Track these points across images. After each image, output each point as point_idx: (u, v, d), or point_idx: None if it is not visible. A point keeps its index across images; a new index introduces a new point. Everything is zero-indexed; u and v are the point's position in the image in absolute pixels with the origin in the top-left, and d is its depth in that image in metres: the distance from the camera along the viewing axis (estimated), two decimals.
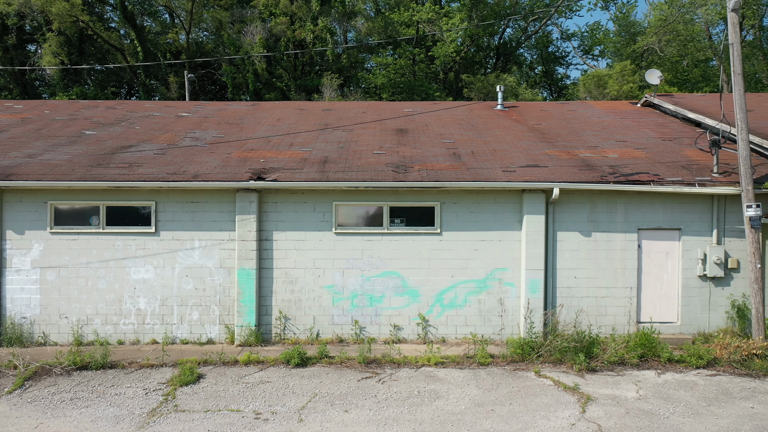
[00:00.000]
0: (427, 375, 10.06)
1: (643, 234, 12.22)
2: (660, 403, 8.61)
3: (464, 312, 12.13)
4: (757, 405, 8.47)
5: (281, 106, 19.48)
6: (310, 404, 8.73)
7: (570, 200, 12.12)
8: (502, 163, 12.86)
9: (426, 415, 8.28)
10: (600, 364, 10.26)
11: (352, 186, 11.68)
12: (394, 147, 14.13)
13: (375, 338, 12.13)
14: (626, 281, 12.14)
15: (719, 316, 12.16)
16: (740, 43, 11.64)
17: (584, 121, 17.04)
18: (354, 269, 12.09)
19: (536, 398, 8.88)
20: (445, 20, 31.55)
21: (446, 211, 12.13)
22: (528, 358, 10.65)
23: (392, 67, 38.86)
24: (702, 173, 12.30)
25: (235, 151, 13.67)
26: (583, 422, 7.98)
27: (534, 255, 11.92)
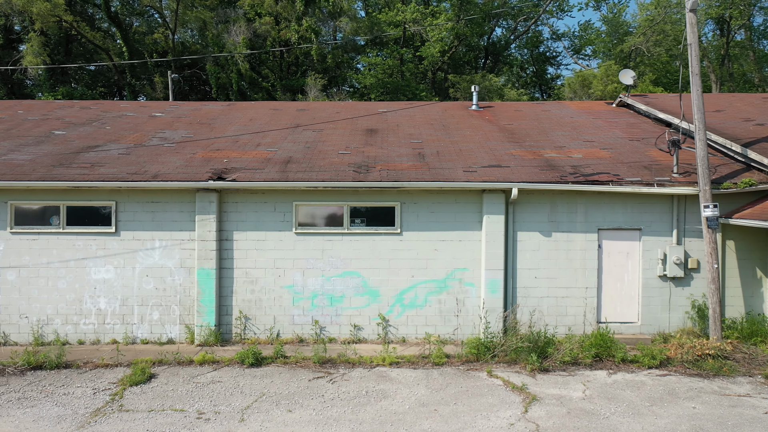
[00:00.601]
0: (379, 375, 10.07)
1: (603, 234, 12.23)
2: (603, 403, 8.63)
3: (425, 312, 12.14)
4: (699, 405, 8.48)
5: (256, 106, 19.49)
6: (255, 404, 8.75)
7: (530, 200, 12.13)
8: (465, 163, 12.87)
9: (368, 415, 8.30)
10: (553, 364, 10.27)
11: (311, 186, 11.70)
12: (361, 147, 14.14)
13: (335, 338, 12.14)
14: (586, 281, 12.15)
15: (680, 317, 12.17)
16: (698, 44, 11.65)
17: (556, 122, 17.05)
18: (314, 269, 12.10)
19: (482, 398, 8.89)
20: (430, 20, 31.52)
21: (406, 211, 12.14)
22: (483, 358, 10.66)
23: (380, 68, 38.89)
24: (663, 173, 12.32)
25: (201, 151, 13.68)
26: (523, 422, 7.99)
27: (494, 255, 11.93)
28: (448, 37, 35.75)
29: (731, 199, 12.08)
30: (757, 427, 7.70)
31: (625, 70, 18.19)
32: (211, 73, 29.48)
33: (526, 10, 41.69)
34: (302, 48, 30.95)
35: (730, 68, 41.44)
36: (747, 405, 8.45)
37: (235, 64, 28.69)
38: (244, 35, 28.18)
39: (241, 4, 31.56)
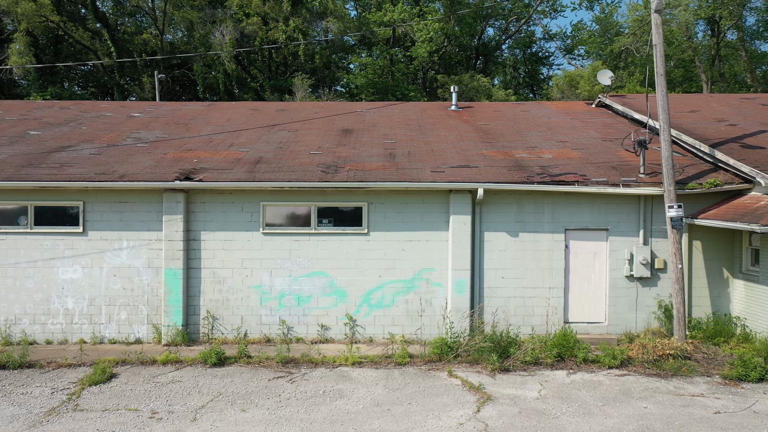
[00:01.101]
0: (340, 375, 10.10)
1: (570, 234, 12.26)
2: (556, 403, 8.65)
3: (392, 312, 12.17)
4: (651, 405, 8.51)
5: (236, 107, 19.52)
6: (211, 404, 8.77)
7: (497, 201, 12.16)
8: (435, 163, 12.89)
9: (320, 415, 8.32)
10: (514, 364, 10.29)
11: (277, 186, 11.73)
12: (333, 147, 14.17)
13: (303, 338, 12.17)
14: (553, 281, 12.18)
15: (647, 317, 12.20)
16: (663, 44, 11.67)
17: (533, 122, 17.07)
18: (282, 269, 12.13)
19: (437, 398, 8.92)
20: (417, 20, 31.55)
21: (374, 212, 12.16)
22: (445, 358, 10.68)
23: (371, 68, 38.93)
24: (630, 174, 12.34)
25: (172, 151, 13.71)
26: (473, 422, 8.02)
27: (460, 255, 11.96)
28: (438, 37, 35.80)
29: (698, 199, 12.11)
30: (703, 427, 7.72)
31: (604, 71, 18.18)
32: (198, 73, 29.52)
33: (516, 11, 41.76)
34: (290, 48, 30.98)
35: (721, 69, 41.43)
36: (698, 405, 8.48)
37: (222, 64, 28.71)
38: (230, 35, 28.21)
39: (229, 4, 31.60)
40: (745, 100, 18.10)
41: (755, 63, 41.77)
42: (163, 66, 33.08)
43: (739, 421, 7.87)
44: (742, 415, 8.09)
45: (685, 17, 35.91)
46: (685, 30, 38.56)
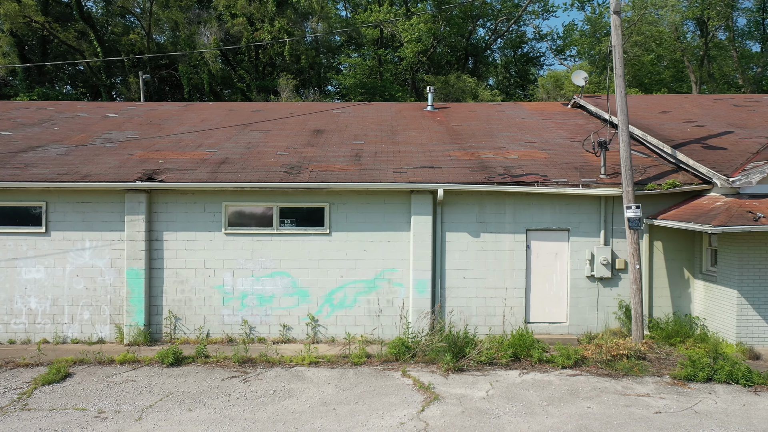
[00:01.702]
0: (294, 374, 10.14)
1: (532, 235, 12.30)
2: (501, 402, 8.69)
3: (354, 312, 12.21)
4: (595, 405, 8.55)
5: (213, 107, 19.57)
6: (159, 403, 8.82)
7: (459, 201, 12.20)
8: (399, 164, 12.93)
9: (265, 415, 8.37)
10: (468, 364, 10.33)
11: (238, 187, 11.78)
12: (301, 148, 14.21)
13: (265, 338, 12.22)
14: (515, 282, 12.22)
15: (608, 317, 12.24)
16: (621, 45, 11.71)
17: (506, 122, 17.11)
18: (244, 269, 12.18)
19: (385, 398, 8.96)
20: (402, 21, 31.60)
21: (336, 212, 12.21)
22: (402, 357, 10.72)
23: (360, 68, 38.99)
24: (592, 174, 12.38)
25: (140, 151, 13.76)
26: (415, 421, 8.06)
27: (421, 256, 12.01)
28: (427, 38, 35.86)
29: (659, 200, 12.15)
30: (640, 426, 7.76)
31: (578, 71, 18.15)
32: (183, 73, 29.57)
33: (505, 11, 41.80)
34: (275, 49, 31.03)
35: (710, 69, 41.47)
36: (642, 405, 8.52)
37: (206, 64, 28.76)
38: (215, 36, 28.25)
39: (215, 4, 31.64)
40: (718, 100, 18.14)
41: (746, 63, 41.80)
42: (151, 66, 33.13)
43: (677, 421, 7.91)
44: (682, 414, 8.13)
45: (672, 17, 35.96)
46: (674, 30, 38.61)
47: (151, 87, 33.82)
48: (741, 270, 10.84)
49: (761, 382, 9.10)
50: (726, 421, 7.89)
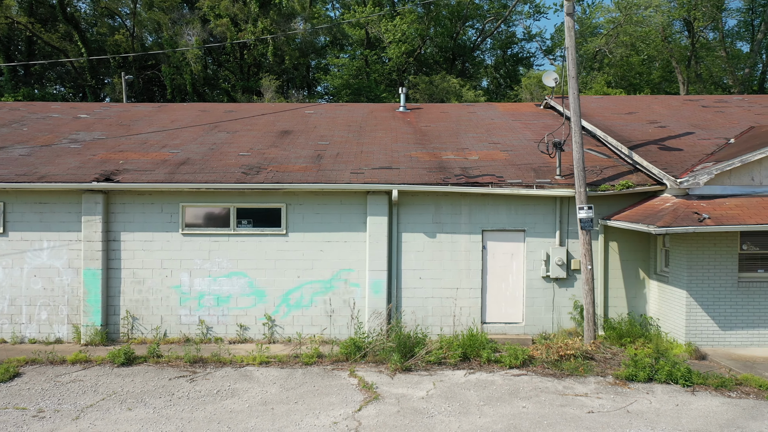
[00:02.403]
0: (243, 374, 10.20)
1: (488, 235, 12.35)
2: (439, 402, 8.74)
3: (310, 312, 12.27)
4: (531, 405, 8.60)
5: (186, 108, 19.63)
6: (100, 402, 8.87)
7: (415, 202, 12.26)
8: (359, 165, 12.99)
9: (203, 414, 8.42)
10: (417, 364, 10.37)
11: (194, 188, 11.84)
12: (265, 149, 14.27)
13: (222, 338, 12.28)
14: (471, 282, 12.27)
15: (564, 317, 12.29)
16: (574, 47, 11.76)
17: (475, 123, 17.17)
18: (201, 270, 12.24)
19: (326, 397, 9.02)
20: (385, 21, 31.65)
21: (292, 213, 12.27)
22: (353, 358, 10.76)
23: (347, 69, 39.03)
24: (548, 175, 12.43)
25: (104, 152, 13.82)
26: (348, 421, 8.12)
27: (377, 256, 12.06)
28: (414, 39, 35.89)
29: (614, 200, 12.20)
30: (569, 426, 7.81)
31: (548, 72, 18.18)
32: (166, 74, 29.63)
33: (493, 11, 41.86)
34: (259, 49, 31.09)
35: (698, 69, 41.52)
36: (577, 404, 8.57)
37: (189, 65, 28.83)
38: (197, 36, 28.31)
39: (200, 5, 31.71)
40: (688, 101, 18.18)
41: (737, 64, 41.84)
42: (136, 67, 33.20)
43: (607, 421, 7.96)
44: (614, 414, 8.18)
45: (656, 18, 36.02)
46: (662, 30, 38.67)
47: (137, 87, 33.91)
48: (690, 271, 10.89)
49: (700, 382, 9.14)
50: (655, 420, 7.94)
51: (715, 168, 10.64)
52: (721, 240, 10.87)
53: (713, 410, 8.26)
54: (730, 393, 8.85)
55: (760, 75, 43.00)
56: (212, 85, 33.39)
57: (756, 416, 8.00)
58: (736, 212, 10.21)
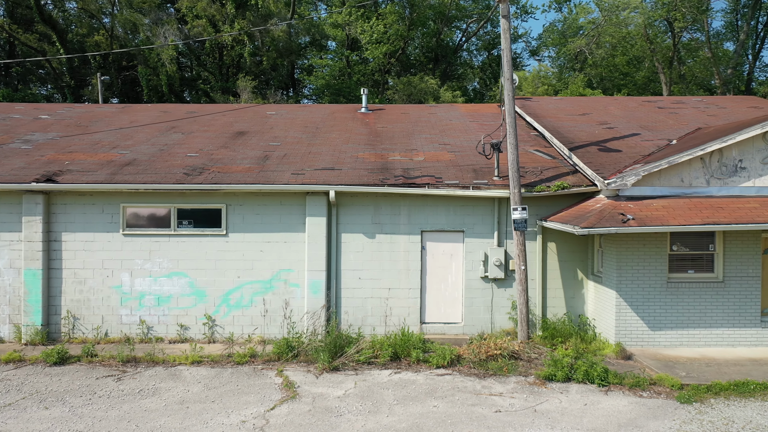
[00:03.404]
0: (172, 373, 10.28)
1: (427, 236, 12.42)
2: (353, 401, 8.82)
3: (250, 312, 12.34)
4: (443, 404, 8.67)
5: (149, 109, 19.72)
6: (19, 401, 8.95)
7: (355, 203, 12.33)
8: (303, 166, 13.06)
9: (116, 413, 8.50)
10: (346, 364, 10.45)
11: (132, 188, 11.92)
12: (214, 150, 14.35)
13: (163, 337, 12.35)
14: (410, 282, 12.34)
15: (503, 317, 12.36)
16: (510, 49, 11.83)
17: (432, 124, 17.25)
18: (142, 270, 12.32)
19: (245, 396, 9.09)
20: (361, 22, 31.73)
21: (233, 213, 12.35)
22: (284, 357, 10.85)
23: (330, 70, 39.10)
24: (487, 176, 12.51)
25: (53, 153, 13.90)
26: (258, 419, 8.19)
27: (316, 256, 12.14)
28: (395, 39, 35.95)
29: (553, 201, 12.27)
30: (471, 425, 7.88)
31: None
32: (143, 75, 29.73)
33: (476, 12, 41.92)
34: (236, 50, 31.17)
35: (680, 70, 41.56)
36: (488, 404, 8.64)
37: (164, 65, 28.92)
38: (172, 38, 28.41)
39: (178, 6, 31.80)
40: (645, 103, 18.25)
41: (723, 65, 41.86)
42: (115, 68, 33.29)
43: (510, 420, 8.03)
44: (520, 414, 8.25)
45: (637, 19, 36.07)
46: (644, 31, 38.73)
47: (116, 88, 34.01)
48: (619, 271, 10.96)
49: (616, 382, 9.21)
50: (558, 420, 8.01)
51: (642, 169, 10.71)
52: (650, 241, 10.94)
53: (619, 410, 8.33)
54: (642, 393, 8.92)
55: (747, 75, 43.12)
56: (191, 86, 33.48)
57: (658, 416, 8.06)
58: (661, 213, 10.28)
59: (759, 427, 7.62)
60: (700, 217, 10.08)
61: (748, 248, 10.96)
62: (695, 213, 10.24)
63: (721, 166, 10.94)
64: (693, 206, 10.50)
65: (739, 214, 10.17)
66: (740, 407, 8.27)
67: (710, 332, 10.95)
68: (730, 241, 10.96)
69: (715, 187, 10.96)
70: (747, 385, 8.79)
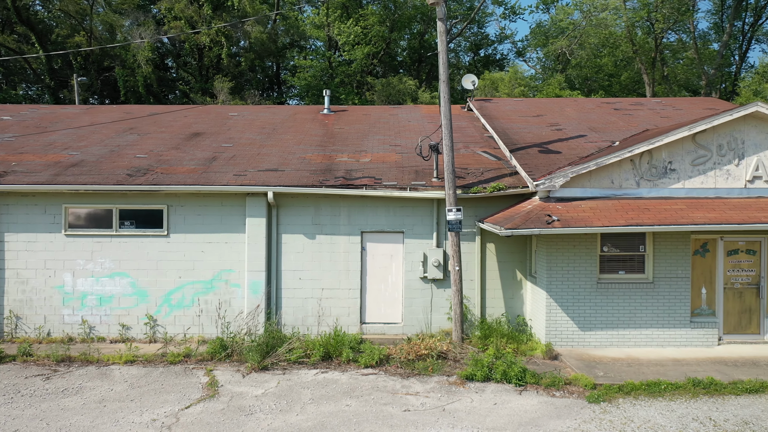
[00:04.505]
0: (102, 373, 10.37)
1: (367, 236, 12.51)
2: (270, 400, 8.91)
3: (191, 312, 12.44)
4: (356, 403, 8.75)
5: (113, 110, 19.84)
6: None
7: (295, 203, 12.43)
8: (248, 167, 13.16)
9: (33, 411, 8.59)
10: (276, 363, 10.54)
11: (73, 189, 12.02)
12: (165, 151, 14.46)
13: (105, 337, 12.45)
14: (350, 283, 12.43)
15: (442, 317, 12.44)
16: (446, 52, 11.92)
17: (390, 125, 17.34)
18: (84, 270, 12.42)
19: (165, 395, 9.19)
20: (338, 23, 31.84)
21: (174, 214, 12.44)
22: (218, 356, 10.94)
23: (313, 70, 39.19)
24: (427, 178, 12.59)
25: (3, 154, 14.01)
26: (169, 418, 8.28)
27: (256, 257, 12.23)
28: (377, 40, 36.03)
29: (491, 202, 12.35)
30: (375, 424, 7.97)
31: (467, 75, 18.48)
32: (119, 76, 29.86)
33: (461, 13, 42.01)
34: (214, 51, 31.29)
35: (663, 71, 41.60)
36: (400, 403, 8.72)
37: (140, 66, 29.06)
38: (148, 40, 28.53)
39: (157, 7, 31.92)
40: (603, 104, 18.33)
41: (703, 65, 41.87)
42: (95, 69, 33.43)
43: (415, 419, 8.12)
44: (428, 413, 8.33)
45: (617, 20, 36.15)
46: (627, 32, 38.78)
47: (95, 89, 34.14)
48: (549, 272, 11.04)
49: (533, 382, 9.29)
50: (462, 419, 8.09)
51: (570, 171, 10.79)
52: (580, 242, 11.02)
53: (526, 409, 8.41)
54: (555, 393, 9.00)
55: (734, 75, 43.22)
56: (171, 87, 33.60)
57: (562, 415, 8.15)
58: (587, 214, 10.37)
59: (655, 426, 7.70)
60: (625, 219, 10.16)
61: (677, 249, 11.03)
62: (621, 214, 10.32)
63: (651, 168, 11.02)
64: (620, 207, 10.58)
65: (664, 216, 10.25)
66: (645, 407, 8.34)
67: (640, 333, 11.03)
68: (660, 242, 11.04)
69: (645, 189, 11.04)
70: (658, 384, 8.87)
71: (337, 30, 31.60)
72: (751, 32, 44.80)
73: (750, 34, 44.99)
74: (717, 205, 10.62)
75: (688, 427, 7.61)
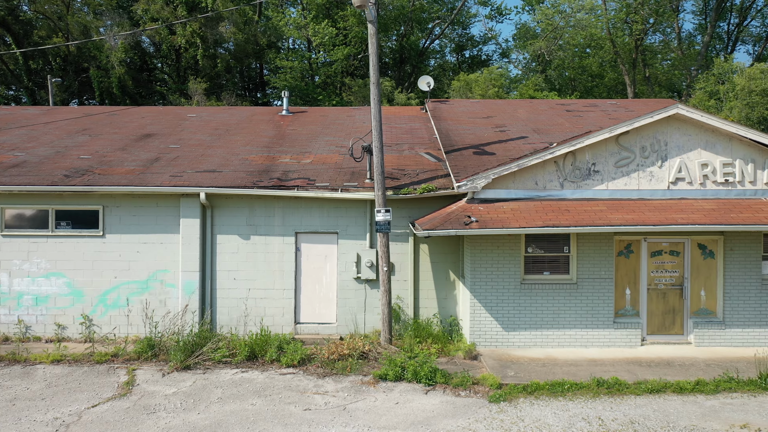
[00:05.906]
0: (25, 372, 10.46)
1: (302, 237, 12.60)
2: (178, 399, 8.99)
3: (127, 312, 12.53)
4: (261, 402, 8.81)
5: (73, 111, 19.95)
6: None
7: (230, 204, 12.52)
8: (186, 168, 13.25)
9: None
10: (199, 362, 10.62)
11: (6, 190, 12.12)
12: (111, 152, 14.56)
13: (41, 337, 12.55)
14: (285, 283, 12.52)
15: (375, 317, 12.51)
16: (377, 54, 12.00)
17: (344, 126, 17.42)
18: (21, 270, 12.51)
19: (77, 394, 9.26)
20: (313, 25, 31.95)
21: (110, 215, 12.54)
22: (144, 356, 11.02)
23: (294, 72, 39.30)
24: (361, 179, 12.67)
25: None
26: (71, 417, 8.35)
27: (190, 257, 12.32)
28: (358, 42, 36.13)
29: (424, 204, 12.42)
30: (270, 423, 8.04)
31: (424, 77, 18.62)
32: (94, 77, 30.00)
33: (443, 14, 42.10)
34: (190, 53, 31.42)
35: (645, 72, 41.64)
36: (304, 403, 8.79)
37: (113, 68, 29.19)
38: (123, 41, 28.65)
39: (135, 8, 32.06)
40: (557, 106, 18.40)
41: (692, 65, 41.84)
42: (72, 70, 33.57)
43: (312, 417, 8.20)
44: (328, 412, 8.40)
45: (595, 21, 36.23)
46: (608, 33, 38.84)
47: (74, 90, 34.27)
48: (473, 273, 11.11)
49: (443, 382, 9.36)
50: (359, 418, 8.16)
51: (492, 172, 10.86)
52: (504, 243, 11.09)
53: (425, 408, 8.48)
54: (461, 392, 9.07)
55: None
56: (148, 87, 33.73)
57: (457, 415, 8.22)
58: (507, 216, 10.44)
59: (543, 425, 7.76)
60: (543, 220, 10.23)
61: (601, 250, 11.10)
62: (540, 216, 10.39)
63: (575, 170, 11.09)
64: (541, 209, 10.65)
65: (583, 217, 10.32)
66: (542, 406, 8.41)
67: (564, 333, 11.10)
68: (583, 244, 11.11)
69: (569, 190, 11.11)
70: (562, 384, 8.93)
71: (312, 31, 31.69)
72: (737, 33, 44.87)
73: (735, 35, 45.06)
74: (638, 207, 10.69)
75: (574, 426, 7.68)
